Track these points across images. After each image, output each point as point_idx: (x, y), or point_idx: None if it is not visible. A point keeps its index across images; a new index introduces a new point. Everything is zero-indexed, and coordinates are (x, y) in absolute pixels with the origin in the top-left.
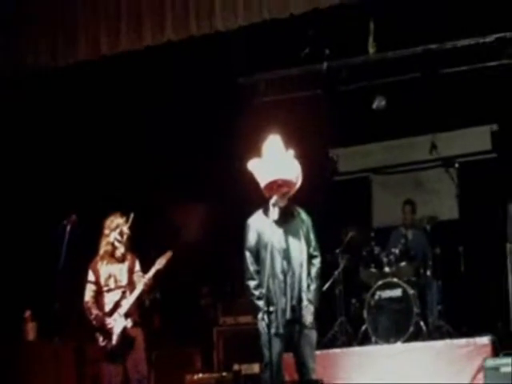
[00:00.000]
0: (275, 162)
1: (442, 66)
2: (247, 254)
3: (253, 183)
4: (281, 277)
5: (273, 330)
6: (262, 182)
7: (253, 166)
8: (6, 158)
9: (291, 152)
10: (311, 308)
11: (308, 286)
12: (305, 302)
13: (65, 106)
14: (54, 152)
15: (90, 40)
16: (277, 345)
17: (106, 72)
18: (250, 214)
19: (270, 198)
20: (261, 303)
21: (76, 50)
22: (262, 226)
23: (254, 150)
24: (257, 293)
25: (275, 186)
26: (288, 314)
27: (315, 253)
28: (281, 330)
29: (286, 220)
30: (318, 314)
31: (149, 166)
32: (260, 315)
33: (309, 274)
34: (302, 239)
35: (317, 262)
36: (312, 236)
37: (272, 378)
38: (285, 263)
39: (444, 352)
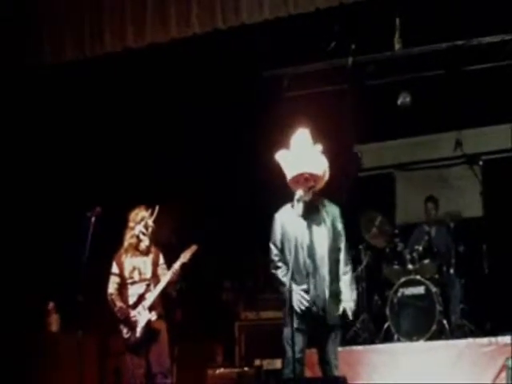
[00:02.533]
0: (303, 155)
1: (467, 62)
2: (272, 246)
3: (278, 178)
4: (304, 272)
5: (295, 325)
6: (289, 174)
7: (280, 157)
8: (31, 148)
9: (319, 147)
10: (336, 305)
11: (332, 282)
12: (329, 299)
13: (91, 98)
14: (80, 143)
15: (115, 32)
16: (299, 340)
17: (131, 64)
18: (274, 208)
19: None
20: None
21: (102, 42)
22: (287, 221)
23: (279, 145)
24: (285, 279)
25: (302, 179)
26: (310, 310)
27: (341, 245)
28: (303, 326)
29: (311, 215)
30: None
31: (173, 159)
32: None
33: (336, 270)
34: (326, 235)
35: (343, 255)
36: (339, 227)
37: (294, 374)
38: (308, 259)
39: (466, 351)
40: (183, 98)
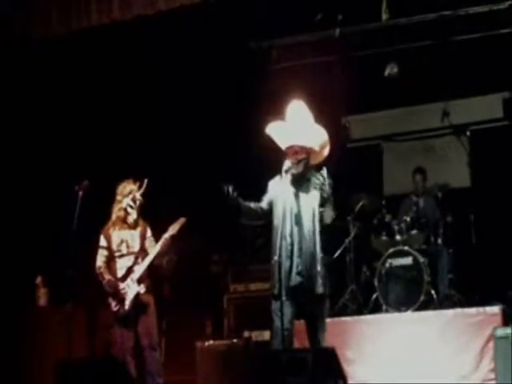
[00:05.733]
0: (294, 127)
1: (454, 33)
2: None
3: (267, 150)
4: (289, 240)
5: (276, 292)
6: (282, 146)
7: (271, 130)
8: (19, 122)
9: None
10: (322, 277)
11: (320, 258)
12: (316, 271)
13: (79, 72)
14: (68, 117)
15: (102, 5)
16: (288, 311)
17: (118, 37)
18: (262, 181)
19: None
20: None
21: (89, 15)
22: (278, 190)
23: (267, 117)
24: (250, 205)
25: (292, 151)
26: (292, 280)
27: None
28: (290, 296)
29: (300, 187)
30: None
31: (162, 132)
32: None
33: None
34: (316, 208)
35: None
36: (326, 191)
37: (283, 345)
38: (295, 228)
39: (454, 321)
40: (171, 70)
